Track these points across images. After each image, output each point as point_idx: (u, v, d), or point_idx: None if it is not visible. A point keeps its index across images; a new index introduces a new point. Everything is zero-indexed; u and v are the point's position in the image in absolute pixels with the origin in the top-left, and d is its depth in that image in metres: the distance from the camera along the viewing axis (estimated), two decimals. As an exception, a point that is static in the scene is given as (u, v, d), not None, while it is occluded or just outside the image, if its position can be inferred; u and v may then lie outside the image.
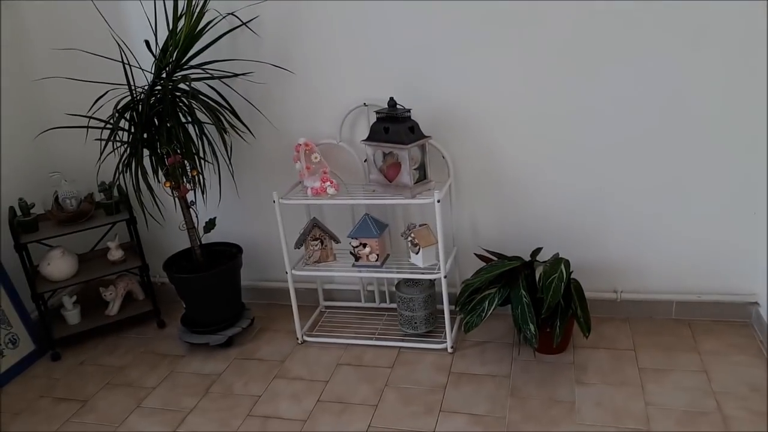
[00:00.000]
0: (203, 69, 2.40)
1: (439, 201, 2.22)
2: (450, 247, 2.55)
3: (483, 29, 2.24)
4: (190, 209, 2.53)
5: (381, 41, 2.36)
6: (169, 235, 2.96)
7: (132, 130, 2.35)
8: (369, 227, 2.39)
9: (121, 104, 2.35)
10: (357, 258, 2.43)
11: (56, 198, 2.64)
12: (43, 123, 2.83)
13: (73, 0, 2.62)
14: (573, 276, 2.33)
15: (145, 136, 2.34)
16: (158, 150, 2.37)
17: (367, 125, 2.46)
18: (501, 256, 2.39)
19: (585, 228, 2.45)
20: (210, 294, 2.56)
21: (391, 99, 2.26)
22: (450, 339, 2.41)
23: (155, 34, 2.37)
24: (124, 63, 2.29)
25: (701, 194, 2.28)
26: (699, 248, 2.36)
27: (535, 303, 2.17)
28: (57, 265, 2.64)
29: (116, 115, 2.31)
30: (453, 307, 2.46)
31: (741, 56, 2.06)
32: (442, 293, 2.34)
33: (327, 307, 2.85)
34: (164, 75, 2.33)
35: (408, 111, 2.24)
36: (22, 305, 2.66)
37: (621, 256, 2.45)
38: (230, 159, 2.58)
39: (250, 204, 2.80)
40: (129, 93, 2.32)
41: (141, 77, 2.48)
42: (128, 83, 2.30)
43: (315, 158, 2.42)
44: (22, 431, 2.24)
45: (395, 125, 2.21)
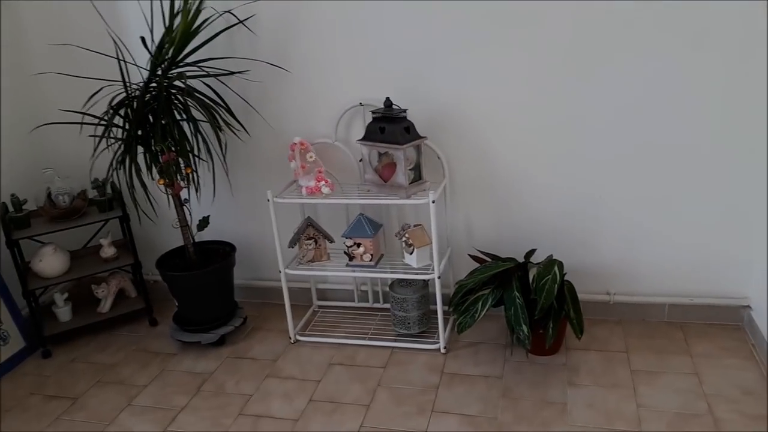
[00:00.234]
0: (199, 66, 2.40)
1: (434, 201, 2.22)
2: (444, 248, 2.55)
3: (481, 30, 2.25)
4: (184, 207, 2.52)
5: (378, 41, 2.36)
6: (162, 233, 2.95)
7: (126, 127, 2.34)
8: (363, 227, 2.39)
9: (116, 101, 2.34)
10: (351, 258, 2.43)
11: (49, 194, 2.62)
12: (38, 118, 2.81)
13: (69, -4, 2.61)
14: (566, 278, 2.33)
15: (140, 133, 2.33)
16: (152, 147, 2.36)
17: (363, 125, 2.46)
18: (495, 258, 2.39)
19: (579, 231, 2.45)
20: (203, 292, 2.55)
21: (387, 99, 2.26)
22: (443, 339, 2.41)
23: (151, 31, 2.36)
24: (120, 59, 2.28)
25: (695, 198, 2.29)
26: (692, 252, 2.37)
27: (529, 304, 2.17)
28: (49, 262, 2.62)
29: (111, 112, 2.30)
30: (446, 308, 2.46)
31: (739, 60, 2.07)
32: (436, 294, 2.34)
33: (320, 307, 2.84)
34: (160, 72, 2.32)
35: (404, 111, 2.24)
36: (13, 302, 2.64)
37: (614, 259, 2.46)
38: (225, 157, 2.57)
39: (244, 202, 2.79)
40: (124, 89, 2.31)
41: (136, 74, 2.47)
42: (123, 80, 2.30)
43: (310, 157, 2.42)
44: (12, 429, 2.22)
45: (391, 125, 2.22)
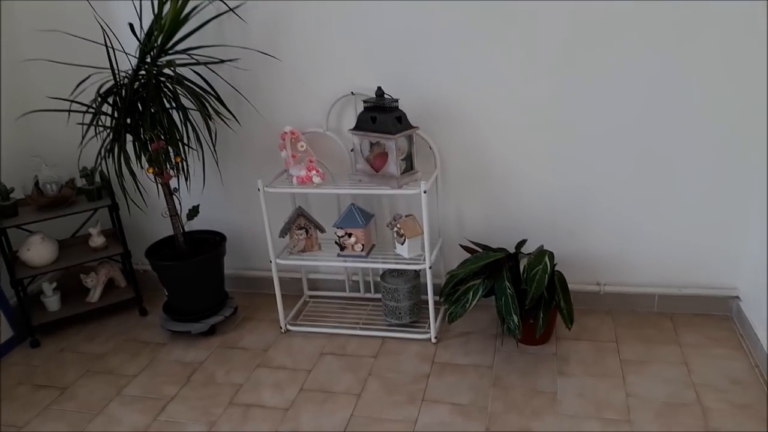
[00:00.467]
0: (188, 54, 2.37)
1: (426, 192, 2.21)
2: (435, 238, 2.55)
3: (476, 22, 2.23)
4: (174, 196, 2.50)
5: (370, 29, 2.34)
6: (152, 222, 2.93)
7: (115, 115, 2.31)
8: (355, 217, 2.38)
9: (104, 88, 2.31)
10: (342, 248, 2.42)
11: (36, 183, 2.59)
12: (25, 106, 2.77)
13: (56, -19, 2.57)
14: (557, 268, 2.34)
15: (129, 121, 2.31)
16: (141, 135, 2.33)
17: (355, 114, 2.44)
18: (486, 248, 2.39)
19: (569, 221, 2.46)
20: (193, 282, 2.53)
21: (379, 88, 2.24)
22: (434, 329, 2.41)
23: (140, 18, 2.34)
24: (108, 46, 2.25)
25: (685, 190, 2.30)
26: (681, 243, 2.38)
27: (519, 294, 2.17)
28: (37, 251, 2.60)
29: (99, 99, 2.27)
30: (437, 298, 2.46)
31: (729, 57, 2.08)
32: (427, 284, 2.34)
33: (311, 297, 2.84)
34: (149, 59, 2.29)
35: (396, 101, 2.23)
36: (1, 291, 2.62)
37: (604, 250, 2.47)
38: (215, 146, 2.55)
39: (235, 192, 2.78)
40: (112, 77, 2.28)
41: (125, 61, 2.44)
42: (112, 67, 2.27)
43: (301, 147, 2.40)
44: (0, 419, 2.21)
45: (383, 115, 2.20)
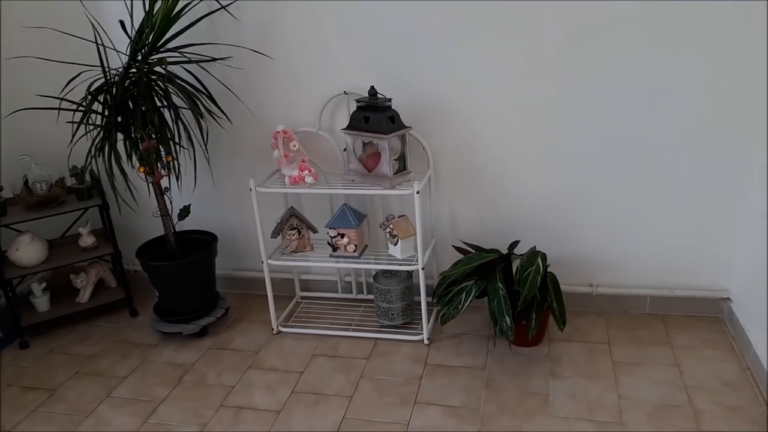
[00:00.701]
0: (180, 52, 2.35)
1: (419, 192, 2.20)
2: (428, 239, 2.54)
3: (471, 21, 2.22)
4: (165, 196, 2.48)
5: (364, 28, 2.33)
6: (143, 222, 2.90)
7: (105, 113, 2.29)
8: (347, 217, 2.37)
9: (95, 86, 2.29)
10: (334, 248, 2.41)
11: (26, 182, 2.57)
12: (14, 104, 2.74)
13: (46, -22, 2.54)
14: (549, 269, 2.34)
15: (119, 120, 2.29)
16: (132, 134, 2.31)
17: (348, 114, 2.43)
18: (479, 249, 2.39)
19: (562, 223, 2.45)
20: (184, 282, 2.51)
21: (372, 88, 2.23)
22: (426, 331, 2.41)
23: (131, 15, 2.31)
24: (99, 44, 2.23)
25: (677, 192, 2.30)
26: (673, 244, 2.39)
27: (512, 296, 2.17)
28: (26, 251, 2.57)
29: (89, 98, 2.25)
30: (430, 299, 2.46)
31: (728, 60, 2.08)
32: (420, 285, 2.34)
33: (303, 298, 2.82)
34: (140, 57, 2.27)
35: (389, 100, 2.22)
36: (-11, 291, 2.60)
37: (597, 251, 2.47)
38: (206, 145, 2.53)
39: (227, 192, 2.76)
40: (103, 75, 2.26)
41: (116, 59, 2.42)
42: (102, 65, 2.24)
43: (293, 146, 2.39)
44: (-13, 420, 2.19)
45: (376, 114, 2.19)
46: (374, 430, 1.99)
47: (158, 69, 2.29)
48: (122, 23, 2.26)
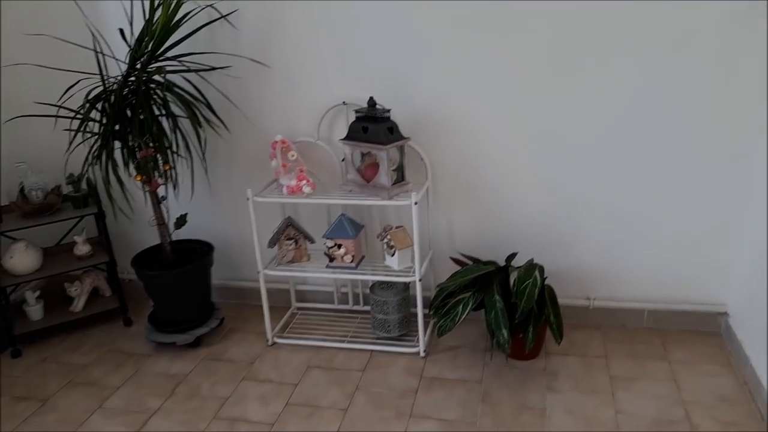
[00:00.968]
0: (179, 61, 2.35)
1: (417, 203, 2.20)
2: (426, 250, 2.53)
3: (468, 34, 2.23)
4: (161, 204, 2.47)
5: (362, 39, 2.34)
6: (139, 231, 2.89)
7: (103, 121, 2.29)
8: (344, 228, 2.36)
9: (93, 94, 2.29)
10: (331, 259, 2.40)
11: (22, 189, 2.56)
12: (11, 111, 2.74)
13: (46, -14, 2.55)
14: (547, 282, 2.33)
15: (117, 128, 2.28)
16: (130, 142, 2.30)
17: (346, 124, 2.43)
18: (476, 261, 2.38)
19: (560, 235, 2.45)
20: (179, 292, 2.50)
21: (371, 98, 2.23)
22: (423, 343, 2.39)
23: (131, 24, 2.32)
24: (98, 51, 2.23)
25: (675, 207, 2.30)
26: (671, 258, 2.38)
27: (509, 308, 2.16)
28: (20, 259, 2.55)
29: (87, 105, 2.25)
30: (427, 311, 2.44)
31: (720, 68, 2.09)
32: (417, 296, 2.32)
33: (299, 309, 2.81)
34: (139, 66, 2.27)
35: (387, 111, 2.22)
36: (-18, 299, 2.57)
37: (595, 264, 2.46)
38: (204, 154, 2.52)
39: (223, 201, 2.75)
40: (101, 83, 2.26)
41: (115, 67, 2.41)
42: (101, 73, 2.24)
43: (292, 156, 2.38)
44: (-23, 430, 2.16)
45: (374, 125, 2.19)
46: (369, 444, 1.98)
47: (157, 77, 2.29)
48: (122, 32, 2.26)
